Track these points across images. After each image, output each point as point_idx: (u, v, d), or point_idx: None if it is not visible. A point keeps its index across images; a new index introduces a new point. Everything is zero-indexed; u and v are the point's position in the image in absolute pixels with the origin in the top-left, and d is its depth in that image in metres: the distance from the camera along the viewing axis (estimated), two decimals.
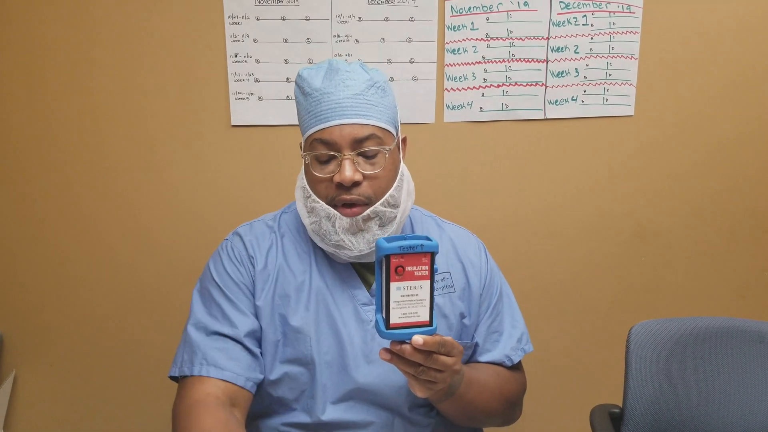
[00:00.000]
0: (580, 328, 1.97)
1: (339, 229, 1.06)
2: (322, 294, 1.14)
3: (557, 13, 1.76)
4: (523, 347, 1.23)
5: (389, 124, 1.09)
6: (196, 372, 1.06)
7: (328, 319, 1.13)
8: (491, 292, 1.23)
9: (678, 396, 1.37)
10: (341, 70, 1.06)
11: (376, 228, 1.08)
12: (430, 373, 0.88)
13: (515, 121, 1.83)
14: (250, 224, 1.23)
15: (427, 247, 0.81)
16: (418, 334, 0.82)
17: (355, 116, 1.04)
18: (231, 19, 1.69)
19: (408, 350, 0.83)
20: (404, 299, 0.82)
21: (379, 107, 1.07)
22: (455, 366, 0.90)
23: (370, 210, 1.06)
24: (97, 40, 1.69)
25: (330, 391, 1.12)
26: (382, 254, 0.81)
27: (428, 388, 0.92)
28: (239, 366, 1.07)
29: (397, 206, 1.09)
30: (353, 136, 1.04)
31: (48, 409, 1.90)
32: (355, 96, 1.05)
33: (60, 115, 1.73)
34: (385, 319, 0.83)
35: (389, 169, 1.08)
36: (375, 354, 1.12)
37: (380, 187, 1.07)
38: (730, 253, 1.96)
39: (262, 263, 1.15)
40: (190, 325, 1.12)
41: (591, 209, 1.90)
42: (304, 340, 1.11)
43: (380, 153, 1.06)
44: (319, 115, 1.05)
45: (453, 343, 0.88)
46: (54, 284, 1.83)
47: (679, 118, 1.87)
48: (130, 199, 1.79)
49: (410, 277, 0.82)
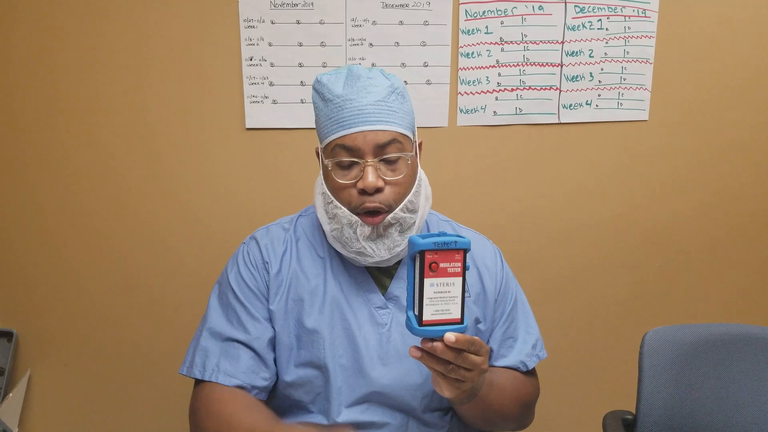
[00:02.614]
0: (594, 333, 1.96)
1: (360, 236, 1.07)
2: (336, 298, 1.14)
3: (572, 17, 1.76)
4: (538, 353, 1.24)
5: (408, 130, 1.09)
6: (207, 378, 1.10)
7: (342, 323, 1.13)
8: (506, 298, 1.23)
9: (692, 403, 1.36)
10: (363, 77, 1.07)
11: (397, 234, 1.08)
12: (460, 372, 0.88)
13: (529, 125, 1.82)
14: (267, 228, 1.23)
15: (460, 243, 0.82)
16: (450, 331, 0.83)
17: (378, 122, 1.05)
18: (246, 23, 1.70)
19: (440, 348, 0.84)
20: (437, 296, 0.82)
21: (400, 113, 1.07)
22: (483, 365, 0.90)
23: (390, 216, 1.07)
24: (111, 44, 1.71)
25: (345, 394, 1.12)
26: (417, 250, 0.81)
27: (456, 387, 0.92)
28: (249, 373, 1.10)
29: (416, 211, 1.10)
30: (376, 142, 1.04)
31: (62, 408, 1.92)
32: (378, 102, 1.05)
33: (73, 119, 1.74)
34: (418, 316, 0.83)
35: (409, 174, 1.09)
36: (390, 357, 1.12)
37: (400, 193, 1.07)
38: (744, 258, 1.95)
39: (277, 267, 1.16)
40: (206, 329, 1.14)
41: (604, 214, 1.90)
42: (318, 344, 1.12)
43: (401, 159, 1.07)
44: (341, 121, 1.06)
45: (481, 343, 0.88)
46: (68, 286, 1.84)
47: (693, 123, 1.86)
48: (143, 203, 1.80)
49: (443, 273, 0.82)
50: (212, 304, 1.17)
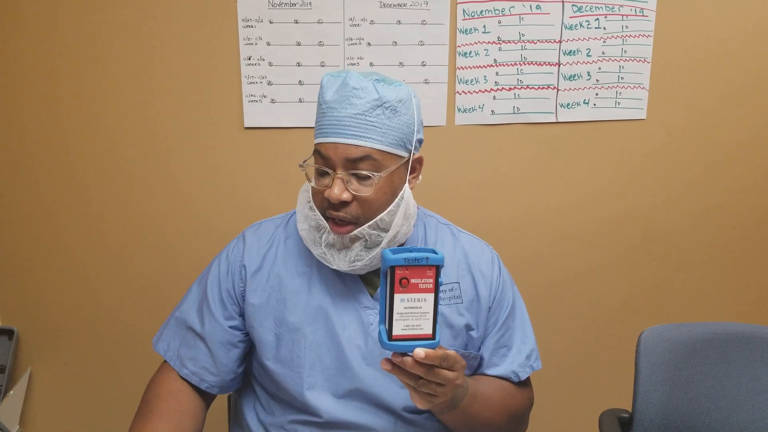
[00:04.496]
0: (590, 332, 1.97)
1: (323, 242, 1.08)
2: (321, 297, 1.14)
3: (569, 17, 1.76)
4: (532, 364, 1.21)
5: (394, 146, 1.05)
6: (167, 358, 1.20)
7: (326, 322, 1.13)
8: (502, 306, 1.20)
9: (688, 402, 1.36)
10: (350, 86, 1.03)
11: (360, 249, 1.07)
12: (431, 387, 0.88)
13: (527, 125, 1.82)
14: (260, 224, 1.25)
15: (432, 260, 0.81)
16: (420, 347, 0.82)
17: (351, 137, 1.02)
18: (244, 23, 1.71)
19: (409, 363, 0.83)
20: (408, 311, 0.82)
21: (383, 129, 1.03)
22: (457, 381, 0.89)
23: (357, 231, 1.06)
24: (109, 44, 1.71)
25: (328, 391, 1.12)
26: (387, 266, 0.81)
27: (428, 401, 0.91)
28: (200, 367, 1.17)
29: (386, 230, 1.07)
30: (347, 155, 1.02)
31: (63, 406, 1.93)
32: (356, 116, 1.02)
33: (73, 117, 1.75)
34: (388, 331, 0.82)
35: (384, 192, 1.06)
36: (375, 357, 1.12)
37: (371, 209, 1.05)
38: (741, 258, 1.95)
39: (256, 265, 1.17)
40: (179, 311, 1.22)
41: (602, 213, 1.90)
42: (298, 341, 1.12)
43: (374, 176, 1.04)
44: (321, 128, 1.06)
45: (456, 358, 0.88)
46: (69, 284, 1.85)
47: (691, 122, 1.86)
48: (143, 201, 1.81)
49: (414, 289, 0.81)
50: (192, 289, 1.23)
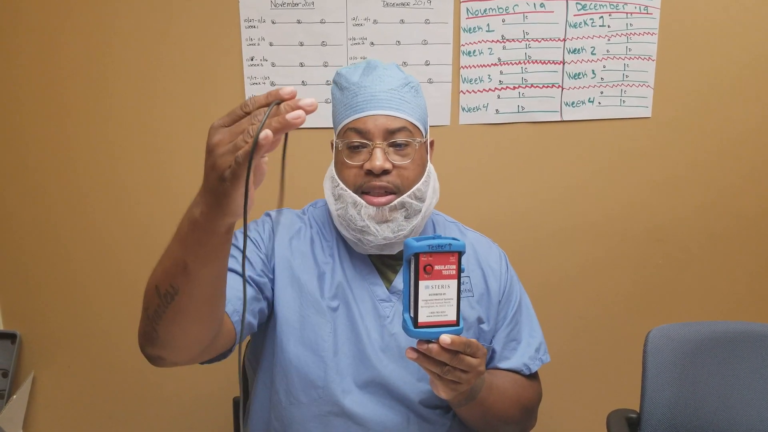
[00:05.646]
0: (597, 331, 1.96)
1: (365, 216, 1.10)
2: (341, 287, 1.16)
3: (574, 15, 1.75)
4: (541, 357, 1.24)
5: (420, 122, 1.13)
6: None
7: (347, 311, 1.14)
8: (510, 300, 1.23)
9: (696, 401, 1.36)
10: (379, 67, 1.13)
11: (402, 219, 1.11)
12: (456, 374, 0.89)
13: (531, 123, 1.82)
14: (278, 210, 1.26)
15: (455, 246, 0.83)
16: (445, 333, 0.84)
17: (389, 108, 1.09)
18: (247, 23, 1.70)
19: (435, 349, 0.84)
20: (432, 298, 0.83)
21: (412, 104, 1.12)
22: (480, 367, 0.91)
23: (398, 200, 1.10)
24: (113, 44, 1.71)
25: (348, 377, 1.13)
26: (412, 253, 0.82)
27: (452, 389, 0.92)
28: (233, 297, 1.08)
29: (423, 200, 1.13)
30: (386, 126, 1.09)
31: (66, 410, 1.92)
32: (391, 90, 1.10)
33: (76, 121, 1.75)
34: (413, 318, 0.84)
35: (418, 163, 1.12)
36: (391, 349, 1.14)
37: (408, 178, 1.11)
38: (748, 256, 1.94)
39: (287, 242, 1.18)
40: None
41: (608, 211, 1.89)
42: (322, 328, 1.13)
43: (410, 145, 1.11)
44: (355, 106, 1.11)
45: (478, 345, 0.89)
46: (72, 288, 1.84)
47: (696, 119, 1.85)
48: (147, 204, 1.80)
49: (438, 276, 0.83)
50: None
